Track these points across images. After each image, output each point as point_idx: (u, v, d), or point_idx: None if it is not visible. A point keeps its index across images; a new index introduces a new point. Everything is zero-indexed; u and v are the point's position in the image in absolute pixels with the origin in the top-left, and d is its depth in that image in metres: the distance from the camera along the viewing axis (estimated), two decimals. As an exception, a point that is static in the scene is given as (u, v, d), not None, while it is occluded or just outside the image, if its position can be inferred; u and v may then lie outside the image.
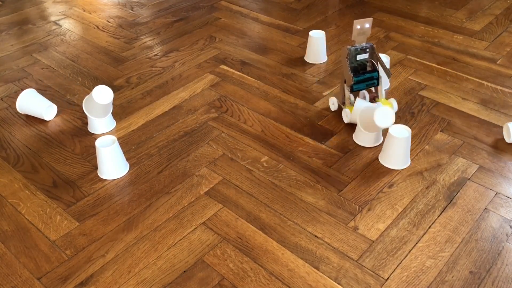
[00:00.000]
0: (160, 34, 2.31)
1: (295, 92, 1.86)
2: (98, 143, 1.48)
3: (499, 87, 1.86)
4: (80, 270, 1.23)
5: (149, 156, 1.58)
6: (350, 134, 1.63)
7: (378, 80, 1.64)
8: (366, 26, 1.61)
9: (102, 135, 1.67)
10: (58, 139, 1.67)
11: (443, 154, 1.55)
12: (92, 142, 1.64)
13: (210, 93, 1.87)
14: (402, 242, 1.27)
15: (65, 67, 2.08)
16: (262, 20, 2.41)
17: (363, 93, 1.68)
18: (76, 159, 1.58)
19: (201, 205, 1.40)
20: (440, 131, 1.64)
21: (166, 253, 1.26)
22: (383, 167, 1.50)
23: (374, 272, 1.20)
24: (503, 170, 1.49)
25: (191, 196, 1.43)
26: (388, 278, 1.19)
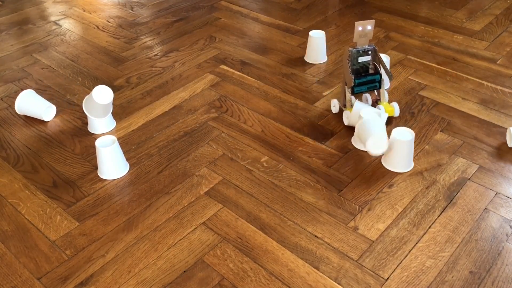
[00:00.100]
0: (160, 34, 2.32)
1: (295, 92, 1.86)
2: (98, 143, 1.48)
3: (499, 87, 1.86)
4: (80, 270, 1.23)
5: (149, 156, 1.58)
6: (350, 135, 1.63)
7: (380, 83, 1.64)
8: (368, 28, 1.59)
9: (102, 135, 1.67)
10: (58, 139, 1.67)
11: (443, 154, 1.55)
12: (92, 142, 1.64)
13: (210, 93, 1.87)
14: (402, 242, 1.27)
15: (65, 67, 2.08)
16: (262, 20, 2.41)
17: (366, 96, 1.68)
18: (76, 159, 1.58)
19: (201, 205, 1.40)
20: (440, 131, 1.64)
21: (166, 253, 1.26)
22: (383, 167, 1.50)
23: (374, 272, 1.20)
24: (503, 170, 1.49)
25: (191, 196, 1.43)
26: (388, 278, 1.19)
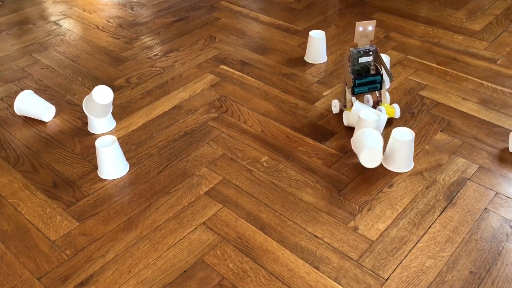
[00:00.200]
0: (160, 34, 2.31)
1: (295, 92, 1.86)
2: (98, 143, 1.48)
3: (499, 87, 1.86)
4: (80, 270, 1.23)
5: (149, 156, 1.58)
6: (350, 135, 1.63)
7: (381, 83, 1.64)
8: (369, 29, 1.59)
9: (102, 135, 1.67)
10: (58, 139, 1.67)
11: (443, 154, 1.55)
12: (92, 142, 1.64)
13: (210, 93, 1.87)
14: (402, 242, 1.27)
15: (65, 67, 2.08)
16: (262, 20, 2.41)
17: (367, 97, 1.67)
18: (76, 159, 1.58)
19: (201, 205, 1.40)
20: (440, 131, 1.64)
21: (166, 253, 1.26)
22: (383, 167, 1.50)
23: (374, 272, 1.20)
24: (503, 170, 1.49)
25: (191, 196, 1.43)
26: (388, 278, 1.19)
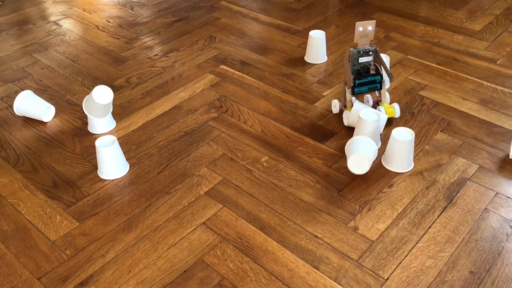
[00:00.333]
0: (160, 34, 2.31)
1: (295, 92, 1.86)
2: (98, 143, 1.48)
3: (499, 87, 1.86)
4: (80, 270, 1.23)
5: (149, 156, 1.58)
6: (350, 135, 1.63)
7: (381, 83, 1.64)
8: (369, 29, 1.59)
9: (102, 135, 1.67)
10: (58, 139, 1.67)
11: (443, 154, 1.55)
12: (92, 142, 1.64)
13: (210, 93, 1.87)
14: (402, 242, 1.27)
15: (65, 67, 2.08)
16: (262, 20, 2.41)
17: (367, 97, 1.67)
18: (76, 159, 1.58)
19: (201, 205, 1.40)
20: (440, 131, 1.64)
21: (166, 253, 1.26)
22: (383, 167, 1.50)
23: (374, 272, 1.20)
24: (503, 170, 1.49)
25: (191, 196, 1.43)
26: (388, 278, 1.19)
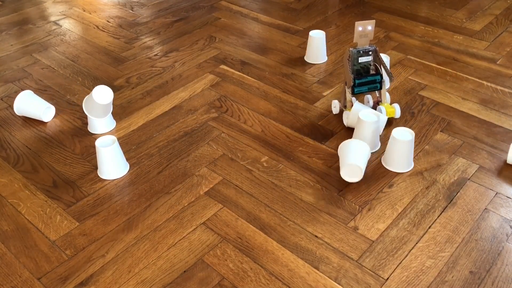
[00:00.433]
0: (160, 34, 2.31)
1: (295, 92, 1.86)
2: (98, 143, 1.48)
3: (499, 87, 1.86)
4: (80, 270, 1.23)
5: (149, 156, 1.58)
6: (350, 135, 1.63)
7: (381, 83, 1.64)
8: (368, 28, 1.59)
9: (102, 135, 1.67)
10: (58, 139, 1.67)
11: (443, 154, 1.55)
12: (92, 142, 1.64)
13: (210, 93, 1.87)
14: (402, 242, 1.27)
15: (65, 67, 2.08)
16: (262, 20, 2.41)
17: (367, 97, 1.67)
18: (76, 159, 1.58)
19: (201, 205, 1.40)
20: (440, 131, 1.64)
21: (166, 253, 1.26)
22: (383, 167, 1.50)
23: (374, 272, 1.20)
24: (503, 170, 1.49)
25: (191, 196, 1.43)
26: (388, 278, 1.19)
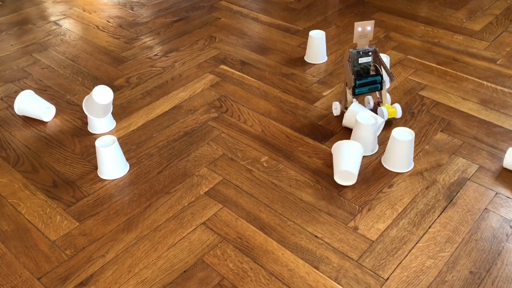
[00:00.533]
0: (160, 34, 2.31)
1: (295, 92, 1.86)
2: (98, 143, 1.48)
3: (499, 87, 1.86)
4: (80, 270, 1.23)
5: (149, 156, 1.58)
6: (350, 135, 1.63)
7: (381, 84, 1.63)
8: (368, 29, 1.59)
9: (102, 135, 1.67)
10: (58, 139, 1.67)
11: (443, 154, 1.55)
12: (92, 142, 1.64)
13: (210, 93, 1.87)
14: (402, 242, 1.27)
15: (65, 67, 2.08)
16: (262, 20, 2.41)
17: (368, 98, 1.67)
18: (76, 159, 1.58)
19: (201, 205, 1.40)
20: (440, 131, 1.64)
21: (166, 253, 1.26)
22: (383, 167, 1.50)
23: (374, 272, 1.20)
24: (503, 170, 1.49)
25: (191, 196, 1.43)
26: (388, 278, 1.19)
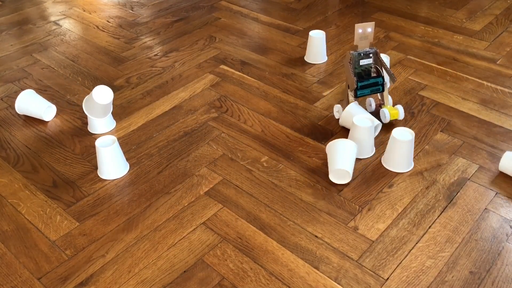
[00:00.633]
0: (160, 34, 2.31)
1: (295, 92, 1.86)
2: (98, 143, 1.48)
3: (499, 87, 1.86)
4: (80, 270, 1.23)
5: (149, 156, 1.58)
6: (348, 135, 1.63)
7: (383, 85, 1.63)
8: (368, 30, 1.59)
9: (102, 135, 1.67)
10: (58, 139, 1.67)
11: (443, 154, 1.55)
12: (92, 142, 1.64)
13: (210, 93, 1.87)
14: (402, 242, 1.27)
15: (65, 67, 2.08)
16: (262, 20, 2.41)
17: (369, 100, 1.67)
18: (76, 159, 1.58)
19: (201, 205, 1.40)
20: (440, 131, 1.64)
21: (166, 253, 1.26)
22: (383, 167, 1.50)
23: (374, 272, 1.20)
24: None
25: (191, 196, 1.43)
26: (388, 278, 1.19)
